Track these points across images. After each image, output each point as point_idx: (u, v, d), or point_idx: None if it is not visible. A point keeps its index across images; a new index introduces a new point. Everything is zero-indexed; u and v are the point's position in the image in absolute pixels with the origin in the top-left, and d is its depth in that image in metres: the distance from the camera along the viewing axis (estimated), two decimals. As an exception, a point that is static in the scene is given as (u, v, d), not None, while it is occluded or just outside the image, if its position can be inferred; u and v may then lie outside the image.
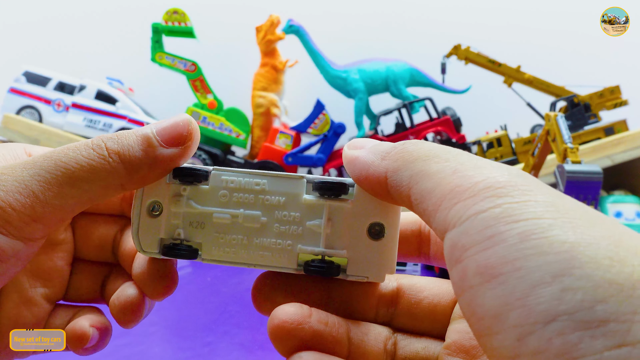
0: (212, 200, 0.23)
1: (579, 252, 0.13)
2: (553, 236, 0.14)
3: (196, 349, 0.41)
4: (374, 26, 1.44)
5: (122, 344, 0.43)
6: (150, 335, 0.46)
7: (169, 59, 1.15)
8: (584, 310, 0.12)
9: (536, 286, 0.13)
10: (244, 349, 0.42)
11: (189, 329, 0.47)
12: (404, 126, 1.19)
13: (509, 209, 0.14)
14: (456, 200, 0.15)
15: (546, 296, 0.13)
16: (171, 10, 1.12)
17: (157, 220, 0.23)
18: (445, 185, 0.16)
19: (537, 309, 0.13)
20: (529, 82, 1.21)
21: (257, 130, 1.19)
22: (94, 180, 0.19)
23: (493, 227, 0.14)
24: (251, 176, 0.23)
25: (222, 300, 0.60)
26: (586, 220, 0.14)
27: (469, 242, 0.15)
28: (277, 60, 1.18)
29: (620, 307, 0.12)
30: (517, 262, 0.13)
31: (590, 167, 0.74)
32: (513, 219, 0.14)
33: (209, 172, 0.23)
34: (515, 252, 0.14)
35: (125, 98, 1.16)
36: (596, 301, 0.12)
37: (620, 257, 0.13)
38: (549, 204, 0.15)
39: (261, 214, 0.23)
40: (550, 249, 0.13)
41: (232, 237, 0.23)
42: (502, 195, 0.15)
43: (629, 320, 0.12)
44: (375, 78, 1.19)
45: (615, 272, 0.13)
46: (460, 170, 0.16)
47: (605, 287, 0.12)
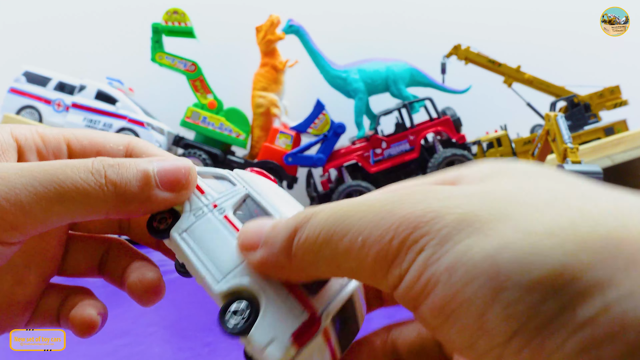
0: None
1: (501, 260, 0.13)
2: (473, 254, 0.14)
3: (196, 349, 0.41)
4: (374, 26, 1.44)
5: (122, 344, 0.43)
6: (150, 335, 0.46)
7: (169, 59, 1.15)
8: (532, 316, 0.13)
9: (484, 314, 0.13)
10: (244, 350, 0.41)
11: (188, 329, 0.47)
12: (404, 126, 1.18)
13: (429, 250, 0.15)
14: (384, 271, 0.15)
15: (497, 319, 0.13)
16: (171, 11, 1.12)
17: None
18: (366, 263, 0.16)
19: (496, 332, 0.13)
20: (529, 82, 1.21)
21: (257, 130, 1.19)
22: (83, 203, 0.19)
23: (425, 274, 0.14)
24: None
25: (221, 301, 0.60)
26: (504, 212, 0.15)
27: (415, 293, 0.15)
28: (277, 60, 1.18)
29: (557, 302, 0.13)
30: (458, 297, 0.14)
31: (590, 167, 0.74)
32: (435, 257, 0.14)
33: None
34: (451, 289, 0.14)
35: (125, 98, 1.16)
36: (538, 304, 0.13)
37: (543, 249, 0.13)
38: (460, 219, 0.15)
39: None
40: (476, 271, 0.13)
41: None
42: (418, 240, 0.15)
43: (570, 307, 0.12)
44: (375, 78, 1.19)
45: (538, 272, 0.13)
46: (366, 240, 0.16)
47: (537, 288, 0.13)
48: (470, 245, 0.14)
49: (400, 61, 1.21)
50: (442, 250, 0.14)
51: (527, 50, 1.36)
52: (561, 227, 0.14)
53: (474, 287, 0.13)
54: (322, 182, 1.19)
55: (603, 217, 0.14)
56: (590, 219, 0.14)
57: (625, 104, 1.16)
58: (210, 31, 1.30)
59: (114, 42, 1.44)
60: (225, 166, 1.15)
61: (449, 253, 0.14)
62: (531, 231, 0.14)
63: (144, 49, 1.16)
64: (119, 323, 0.49)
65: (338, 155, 1.18)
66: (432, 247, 0.14)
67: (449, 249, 0.14)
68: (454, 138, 1.17)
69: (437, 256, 0.14)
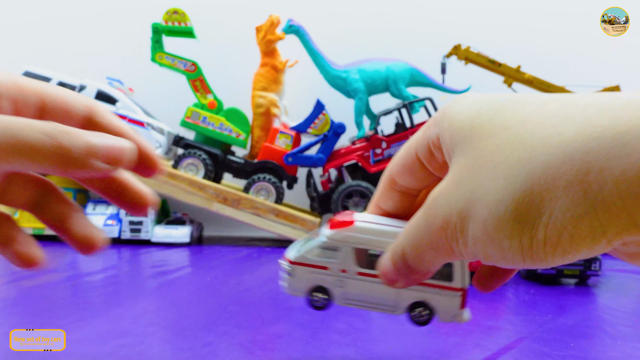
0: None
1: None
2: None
3: (196, 350, 0.41)
4: (374, 26, 1.44)
5: (121, 344, 0.42)
6: (149, 335, 0.45)
7: (169, 59, 1.15)
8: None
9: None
10: (244, 350, 0.41)
11: (188, 330, 0.47)
12: (404, 126, 1.18)
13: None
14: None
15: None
16: (171, 10, 1.12)
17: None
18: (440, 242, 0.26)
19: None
20: (529, 82, 1.21)
21: (257, 130, 1.19)
22: (33, 157, 0.22)
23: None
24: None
25: (221, 301, 0.59)
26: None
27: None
28: (277, 60, 1.18)
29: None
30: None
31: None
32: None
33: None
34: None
35: (125, 98, 1.16)
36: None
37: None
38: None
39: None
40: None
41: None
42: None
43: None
44: (375, 78, 1.19)
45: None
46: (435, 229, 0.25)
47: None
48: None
49: (401, 61, 1.21)
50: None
51: (527, 50, 1.36)
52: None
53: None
54: (322, 182, 1.18)
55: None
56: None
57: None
58: (210, 31, 1.30)
59: (114, 42, 1.44)
60: (224, 166, 1.15)
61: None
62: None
63: (144, 49, 1.16)
64: (118, 323, 0.49)
65: (338, 155, 1.17)
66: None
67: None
68: (454, 138, 1.16)
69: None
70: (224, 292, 0.64)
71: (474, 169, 0.23)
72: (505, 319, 0.52)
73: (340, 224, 0.32)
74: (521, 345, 0.44)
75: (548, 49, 1.40)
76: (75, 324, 0.48)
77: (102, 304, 0.58)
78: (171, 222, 1.11)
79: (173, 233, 1.07)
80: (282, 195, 1.13)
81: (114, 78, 1.20)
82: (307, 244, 0.34)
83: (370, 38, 1.42)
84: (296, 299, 0.55)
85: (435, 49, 1.26)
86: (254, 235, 1.29)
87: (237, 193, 1.09)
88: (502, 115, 0.23)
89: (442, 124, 0.26)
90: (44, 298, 0.60)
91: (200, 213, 1.16)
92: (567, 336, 0.48)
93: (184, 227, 1.09)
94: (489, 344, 0.44)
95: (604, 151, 0.19)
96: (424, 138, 0.27)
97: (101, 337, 0.44)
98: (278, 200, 1.12)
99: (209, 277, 0.75)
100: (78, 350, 0.41)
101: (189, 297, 0.63)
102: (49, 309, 0.55)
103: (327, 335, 0.45)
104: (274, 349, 0.42)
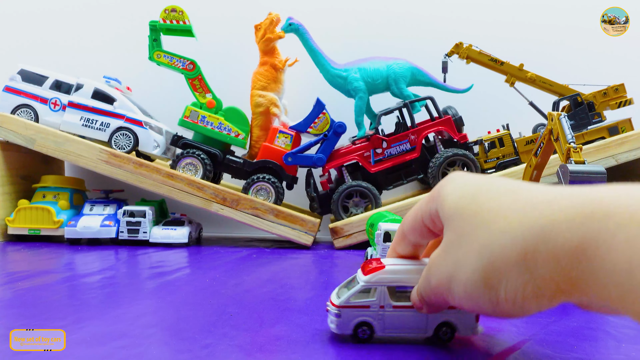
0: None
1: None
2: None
3: (194, 351, 0.41)
4: (374, 25, 1.43)
5: (119, 346, 0.42)
6: (148, 337, 0.45)
7: (167, 58, 1.14)
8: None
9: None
10: (243, 351, 0.41)
11: (187, 331, 0.46)
12: (405, 125, 1.18)
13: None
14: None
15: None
16: (169, 8, 1.11)
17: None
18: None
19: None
20: (532, 81, 1.21)
21: (257, 129, 1.18)
22: None
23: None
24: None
25: (220, 302, 0.59)
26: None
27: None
28: (276, 59, 1.17)
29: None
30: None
31: (594, 167, 0.73)
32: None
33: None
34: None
35: (122, 97, 1.15)
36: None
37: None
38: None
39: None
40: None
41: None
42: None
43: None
44: (375, 77, 1.18)
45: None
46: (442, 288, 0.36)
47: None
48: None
49: (401, 60, 1.21)
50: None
51: (529, 48, 1.36)
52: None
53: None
54: (322, 182, 1.18)
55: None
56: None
57: (630, 103, 1.14)
58: (209, 29, 1.29)
59: (111, 41, 1.43)
60: (223, 166, 1.14)
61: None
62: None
63: (142, 47, 1.15)
64: (116, 324, 0.48)
65: (338, 155, 1.17)
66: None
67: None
68: (455, 138, 1.16)
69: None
70: (223, 293, 0.64)
71: (457, 243, 0.33)
72: (508, 321, 0.51)
73: (374, 269, 0.41)
74: (524, 347, 0.43)
75: (551, 47, 1.39)
76: (73, 325, 0.48)
77: (100, 305, 0.57)
78: (169, 223, 1.10)
79: (171, 234, 1.06)
80: (282, 196, 1.12)
81: (111, 77, 1.20)
82: (346, 289, 0.43)
83: (371, 36, 1.42)
84: (295, 300, 0.54)
85: (437, 48, 1.26)
86: (253, 235, 1.28)
87: (236, 193, 1.08)
88: (476, 201, 0.32)
89: (437, 201, 0.36)
90: (41, 299, 0.59)
91: (199, 213, 1.15)
92: (571, 338, 0.47)
93: (183, 227, 1.08)
94: (493, 346, 0.43)
95: (534, 239, 0.28)
96: (426, 210, 0.37)
97: (100, 338, 0.44)
98: (277, 201, 1.11)
99: (208, 278, 0.74)
100: (76, 351, 0.40)
101: (188, 298, 0.62)
102: (47, 310, 0.54)
103: (327, 337, 0.44)
104: (273, 351, 0.41)
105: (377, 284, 0.41)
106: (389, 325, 0.41)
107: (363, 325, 0.41)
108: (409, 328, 0.42)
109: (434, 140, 1.20)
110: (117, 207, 1.12)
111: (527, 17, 1.42)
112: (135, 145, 1.12)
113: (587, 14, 1.33)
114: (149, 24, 1.13)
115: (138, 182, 1.06)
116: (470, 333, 0.42)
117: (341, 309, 0.41)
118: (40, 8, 1.44)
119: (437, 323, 0.41)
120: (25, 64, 1.16)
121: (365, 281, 0.41)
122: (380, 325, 0.41)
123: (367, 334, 0.42)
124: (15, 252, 0.96)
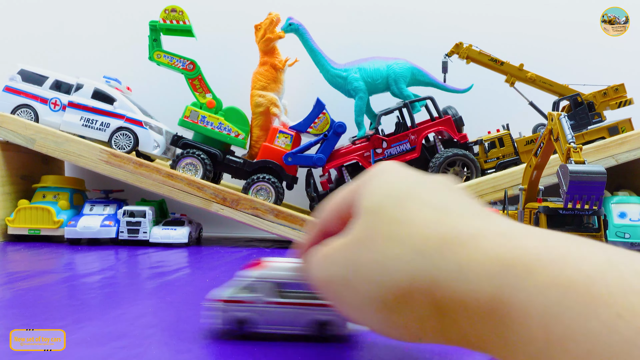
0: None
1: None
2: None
3: (194, 352, 0.40)
4: (374, 24, 1.43)
5: (119, 346, 0.42)
6: (148, 337, 0.45)
7: (167, 58, 1.14)
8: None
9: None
10: (243, 351, 0.40)
11: (187, 332, 0.46)
12: (405, 125, 1.18)
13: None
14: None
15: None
16: (169, 8, 1.11)
17: None
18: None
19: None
20: (532, 81, 1.20)
21: (257, 129, 1.18)
22: None
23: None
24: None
25: (221, 302, 0.58)
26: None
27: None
28: (276, 59, 1.17)
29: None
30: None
31: (594, 167, 0.73)
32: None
33: None
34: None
35: (122, 97, 1.15)
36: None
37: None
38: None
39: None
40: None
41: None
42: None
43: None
44: (375, 77, 1.18)
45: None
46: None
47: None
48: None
49: (401, 60, 1.21)
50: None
51: (529, 48, 1.36)
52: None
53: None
54: (322, 182, 1.18)
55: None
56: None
57: (630, 103, 1.14)
58: (209, 29, 1.29)
59: (111, 41, 1.43)
60: (223, 166, 1.14)
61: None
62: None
63: (141, 47, 1.15)
64: (116, 325, 0.48)
65: (338, 155, 1.17)
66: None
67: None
68: (455, 138, 1.16)
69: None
70: (224, 293, 0.63)
71: (364, 244, 0.29)
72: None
73: (255, 264, 0.43)
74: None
75: (551, 47, 1.39)
76: (73, 325, 0.48)
77: (100, 305, 0.57)
78: (169, 223, 1.10)
79: (171, 234, 1.06)
80: (282, 196, 1.12)
81: (111, 77, 1.20)
82: (232, 286, 0.42)
83: (371, 36, 1.41)
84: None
85: (437, 48, 1.26)
86: (253, 235, 1.28)
87: (236, 193, 1.08)
88: (401, 207, 0.29)
89: (361, 189, 0.32)
90: (41, 299, 0.59)
91: (198, 213, 1.15)
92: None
93: (183, 227, 1.08)
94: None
95: (445, 275, 0.25)
96: (348, 192, 0.34)
97: (99, 338, 0.44)
98: (277, 201, 1.11)
99: (208, 278, 0.74)
100: (76, 351, 0.40)
101: (188, 298, 0.62)
102: (47, 310, 0.54)
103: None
104: (273, 351, 0.41)
105: (260, 280, 0.42)
106: (271, 321, 0.42)
107: (244, 321, 0.42)
108: (291, 325, 0.42)
109: (434, 140, 1.20)
110: (117, 207, 1.12)
111: (526, 19, 1.42)
112: (135, 145, 1.12)
113: (587, 13, 1.33)
114: (149, 24, 1.12)
115: (138, 182, 1.06)
116: (347, 332, 0.43)
117: (225, 303, 0.42)
118: (41, 8, 1.44)
119: (319, 320, 0.42)
120: (25, 64, 1.16)
121: (248, 277, 0.42)
122: (262, 320, 0.42)
123: (248, 329, 0.42)
124: (15, 252, 0.96)
